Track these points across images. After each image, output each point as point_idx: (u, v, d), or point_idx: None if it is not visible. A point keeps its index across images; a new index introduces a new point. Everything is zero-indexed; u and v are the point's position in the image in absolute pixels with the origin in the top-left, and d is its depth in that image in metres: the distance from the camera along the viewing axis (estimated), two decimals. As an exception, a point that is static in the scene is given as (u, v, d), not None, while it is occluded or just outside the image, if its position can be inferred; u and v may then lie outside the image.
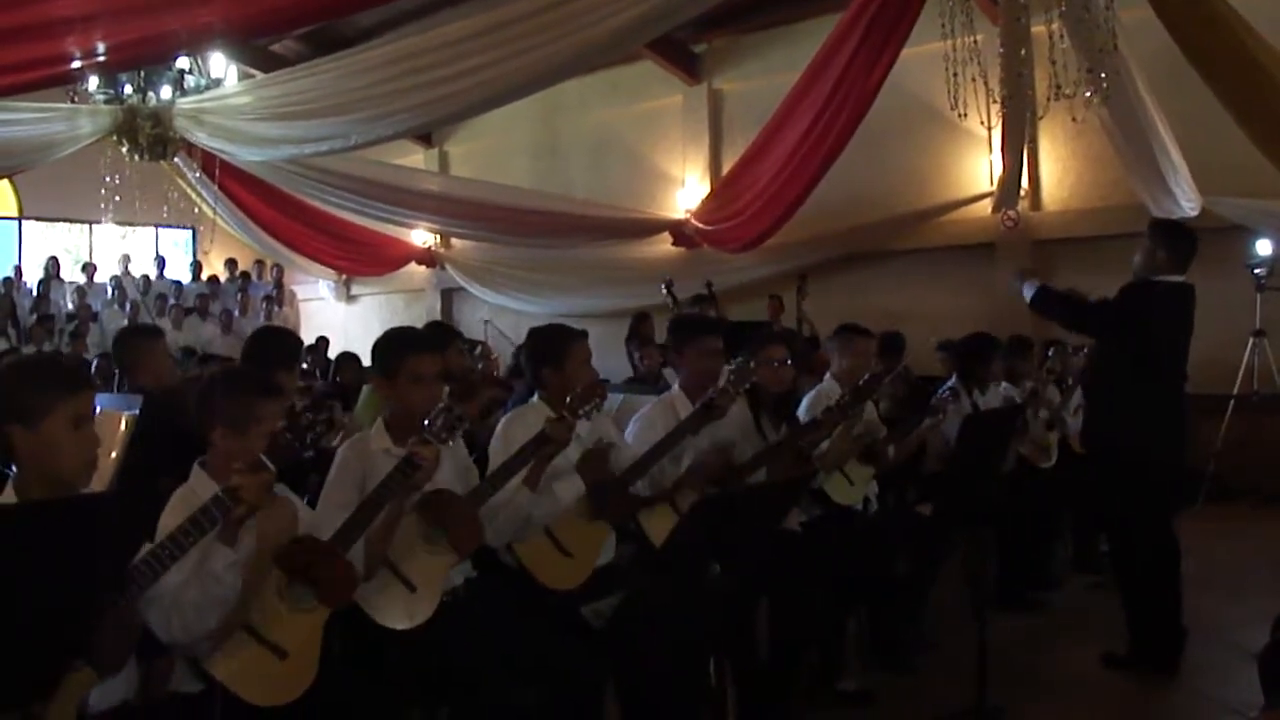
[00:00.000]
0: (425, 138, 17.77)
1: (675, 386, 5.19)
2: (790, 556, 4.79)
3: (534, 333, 4.86)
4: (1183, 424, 5.94)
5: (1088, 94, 8.50)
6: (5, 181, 17.85)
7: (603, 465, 4.43)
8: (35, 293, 17.07)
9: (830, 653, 5.39)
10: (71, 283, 17.83)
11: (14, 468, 2.89)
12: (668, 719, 4.29)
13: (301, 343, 6.25)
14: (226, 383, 3.53)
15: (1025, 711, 5.07)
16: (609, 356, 4.60)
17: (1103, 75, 8.31)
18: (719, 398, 4.73)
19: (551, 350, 4.59)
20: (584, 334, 4.71)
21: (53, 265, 17.86)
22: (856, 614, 5.80)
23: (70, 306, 16.86)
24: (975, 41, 8.56)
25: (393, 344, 4.11)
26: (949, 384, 7.03)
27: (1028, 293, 6.26)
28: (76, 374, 2.96)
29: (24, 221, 19.17)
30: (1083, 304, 6.19)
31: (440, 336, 5.68)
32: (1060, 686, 5.62)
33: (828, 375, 6.08)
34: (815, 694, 5.24)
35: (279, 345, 5.25)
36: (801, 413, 5.66)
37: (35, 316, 15.80)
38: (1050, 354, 8.06)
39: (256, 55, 15.42)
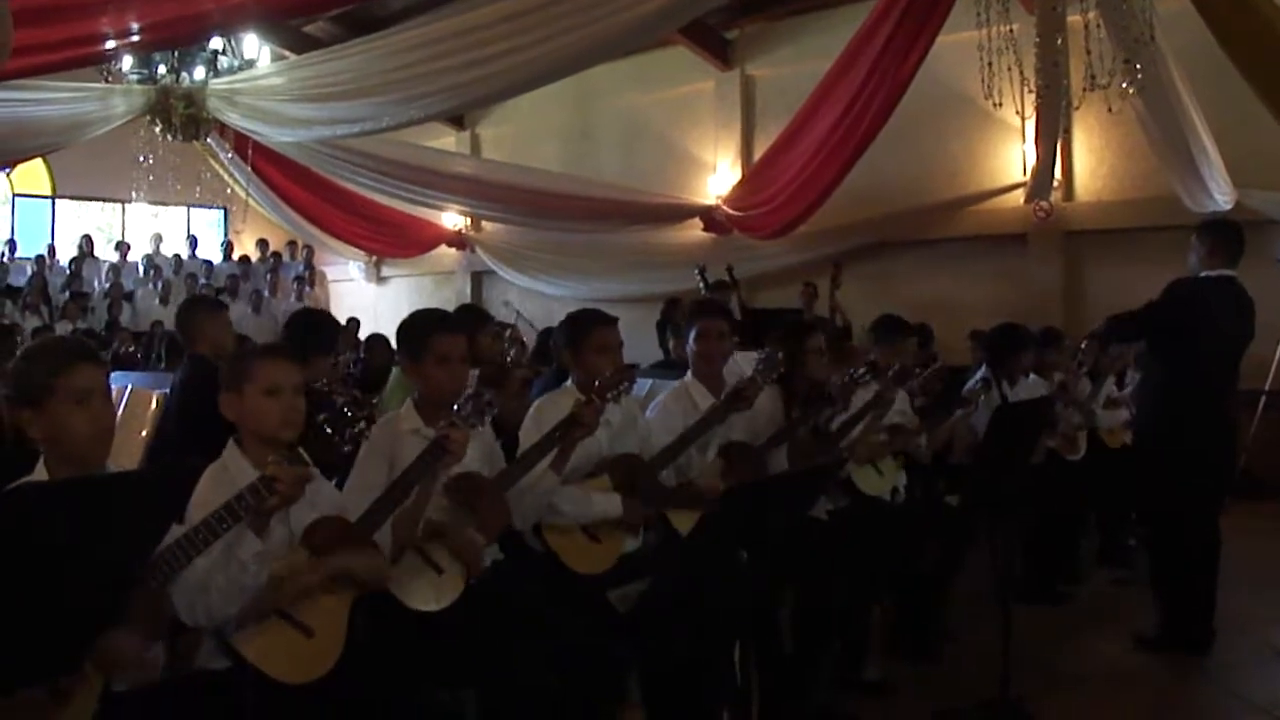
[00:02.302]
0: (457, 120, 17.78)
1: (689, 373, 5.16)
2: (816, 545, 4.78)
3: (567, 317, 4.87)
4: (1233, 419, 5.95)
5: (1123, 84, 8.44)
6: (39, 161, 17.94)
7: (632, 470, 4.43)
8: (68, 271, 17.17)
9: (854, 642, 5.38)
10: (104, 261, 17.91)
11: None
12: (691, 705, 4.30)
13: (339, 327, 6.28)
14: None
15: (1048, 704, 5.05)
16: (639, 341, 4.59)
17: (1138, 66, 8.25)
18: (746, 387, 4.72)
19: (583, 334, 4.59)
20: (614, 319, 4.71)
21: (86, 244, 17.98)
22: (881, 604, 5.79)
23: (103, 285, 16.95)
24: (1011, 30, 8.52)
25: (417, 325, 4.12)
26: (980, 374, 7.00)
27: (1103, 333, 6.36)
28: (74, 350, 2.97)
29: (57, 200, 19.29)
30: (1131, 313, 6.19)
31: (472, 320, 5.70)
32: (1084, 679, 5.58)
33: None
34: (839, 683, 5.24)
35: (316, 329, 5.27)
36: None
37: (68, 294, 15.90)
38: (1082, 347, 8.01)
39: (289, 36, 15.47)
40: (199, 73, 13.98)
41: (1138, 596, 6.38)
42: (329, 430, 3.13)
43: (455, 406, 3.64)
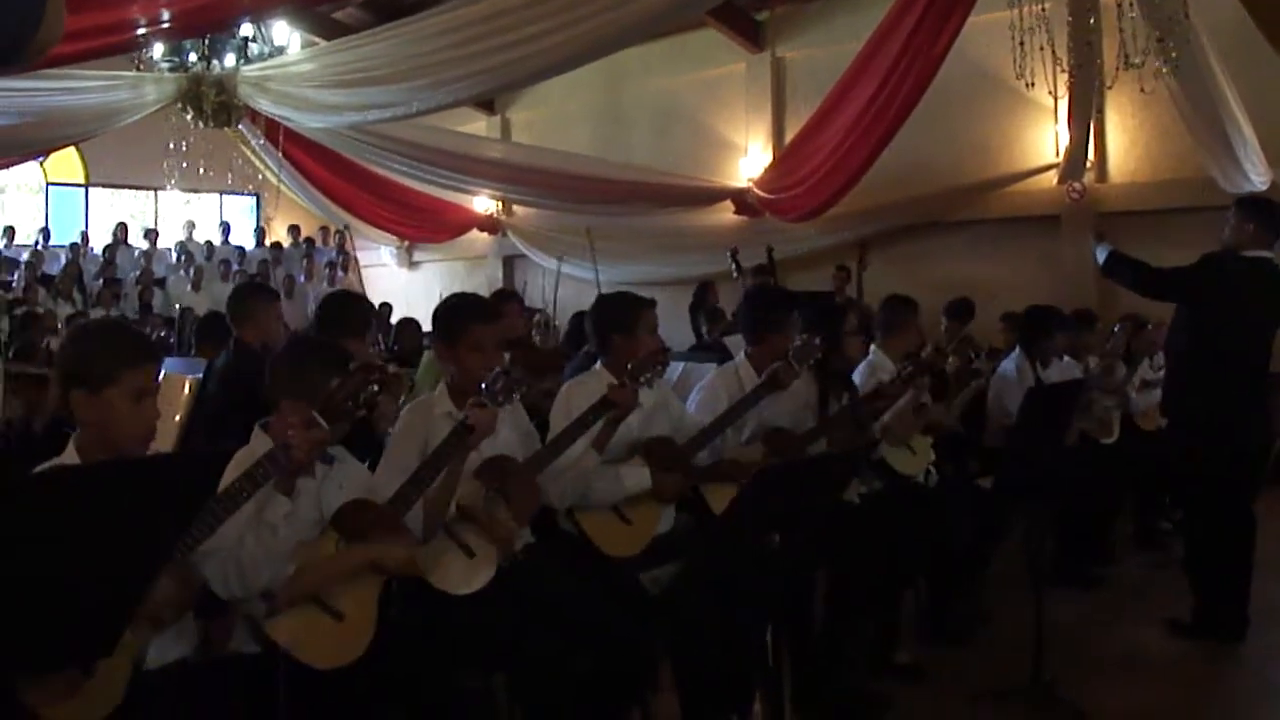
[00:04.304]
0: (487, 104, 17.75)
1: (740, 355, 5.15)
2: (848, 528, 4.77)
3: (603, 299, 4.86)
4: (1266, 403, 5.87)
5: (1157, 64, 8.37)
6: (72, 149, 18.03)
7: (666, 453, 4.43)
8: (102, 258, 17.28)
9: (887, 625, 5.37)
10: (137, 248, 18.02)
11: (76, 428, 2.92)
12: (723, 688, 4.30)
13: (373, 309, 6.29)
14: (293, 355, 3.57)
15: (1081, 688, 5.01)
16: (670, 324, 4.58)
17: (1172, 44, 8.17)
18: (783, 372, 4.72)
19: (620, 317, 4.59)
20: (652, 302, 4.70)
21: (120, 231, 18.08)
22: (914, 587, 5.78)
23: (136, 272, 17.06)
24: (1043, 9, 8.44)
25: (454, 311, 4.13)
26: (1012, 355, 6.99)
27: (1100, 255, 6.22)
28: (143, 346, 2.97)
29: (90, 188, 19.41)
30: (1156, 269, 6.13)
31: (499, 301, 5.72)
32: (1117, 663, 5.55)
33: (873, 347, 6.04)
34: (872, 666, 5.23)
35: (349, 312, 5.29)
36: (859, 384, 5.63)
37: (102, 281, 16.01)
38: (1116, 329, 7.95)
39: (319, 23, 15.50)
40: (230, 60, 14.04)
41: (1171, 580, 6.33)
42: (342, 396, 3.14)
43: (483, 385, 3.65)
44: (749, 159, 15.02)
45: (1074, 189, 12.12)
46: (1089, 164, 11.83)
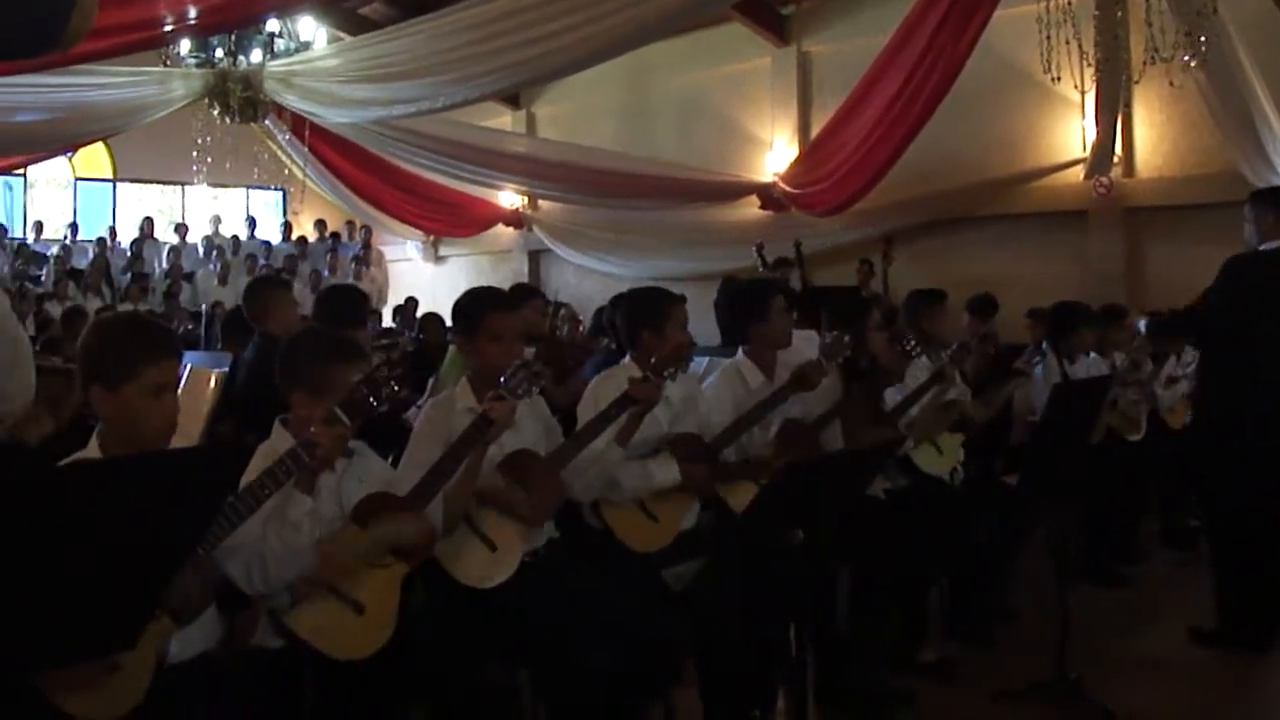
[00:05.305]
0: (513, 99, 17.75)
1: (740, 353, 5.05)
2: (873, 524, 4.76)
3: (633, 294, 4.85)
4: None
5: (1185, 58, 8.31)
6: (100, 145, 18.15)
7: (696, 447, 4.42)
8: (129, 253, 17.39)
9: (911, 622, 5.36)
10: (165, 243, 18.11)
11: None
12: (746, 685, 4.30)
13: (368, 299, 6.31)
14: (307, 347, 3.57)
15: (1106, 686, 4.98)
16: (695, 319, 4.58)
17: (1201, 39, 8.11)
18: (811, 370, 4.68)
19: (651, 312, 4.57)
20: (682, 298, 4.68)
21: (147, 225, 18.20)
22: (938, 584, 5.76)
23: (163, 266, 17.15)
24: (1070, 3, 8.40)
25: (473, 302, 4.13)
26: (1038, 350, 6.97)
27: (1141, 326, 6.21)
28: (162, 341, 2.93)
29: (118, 184, 19.52)
30: (1190, 310, 6.07)
31: (522, 296, 5.72)
32: (1143, 662, 5.53)
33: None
34: (896, 663, 5.21)
35: (348, 304, 5.29)
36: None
37: (130, 276, 16.10)
38: (1141, 329, 7.91)
39: (345, 18, 15.56)
40: (256, 55, 14.09)
41: (1198, 579, 6.28)
42: (364, 390, 3.13)
43: (502, 378, 3.65)
44: (774, 154, 14.98)
45: (1101, 184, 12.06)
46: (1116, 159, 11.78)
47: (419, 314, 12.57)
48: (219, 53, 13.97)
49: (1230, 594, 5.73)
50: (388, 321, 14.74)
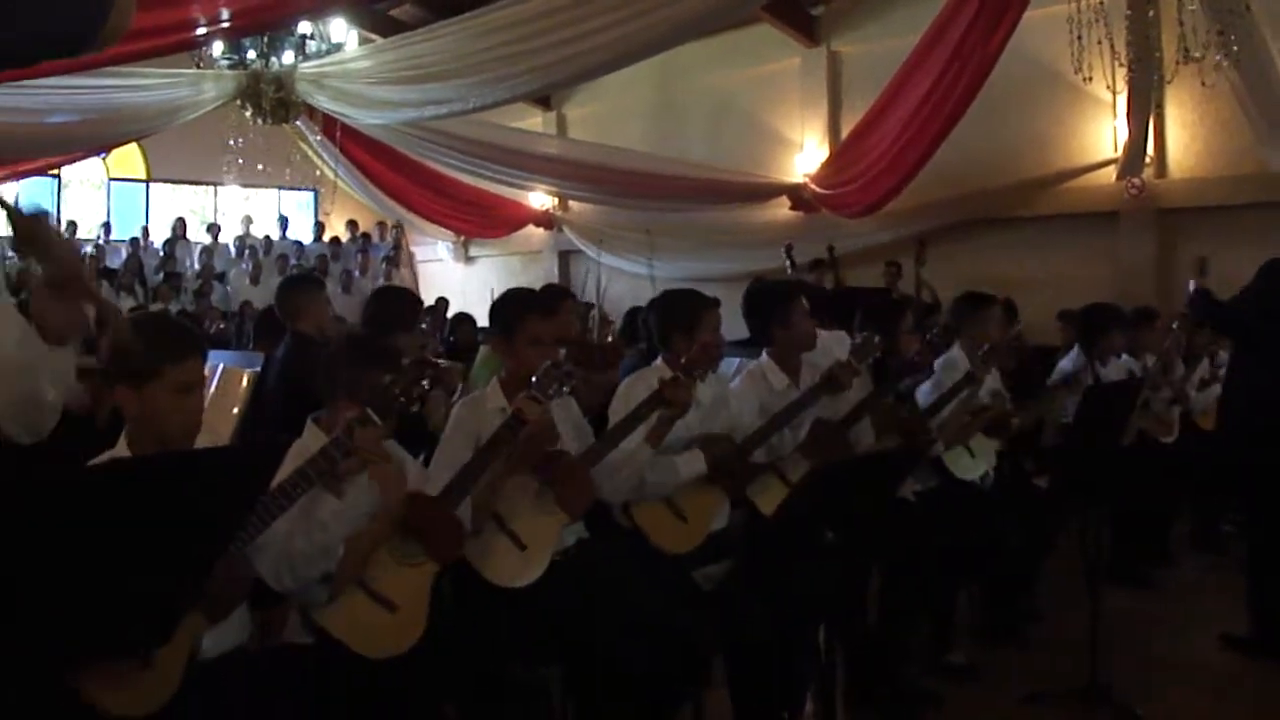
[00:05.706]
0: (543, 101, 17.79)
1: (764, 355, 5.04)
2: (903, 526, 4.75)
3: (666, 296, 4.84)
4: None
5: (1217, 57, 8.27)
6: (134, 145, 18.25)
7: (726, 446, 4.43)
8: (162, 252, 17.51)
9: (941, 625, 5.35)
10: (197, 243, 18.22)
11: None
12: (776, 686, 4.30)
13: (421, 303, 6.33)
14: (349, 354, 3.58)
15: (1136, 690, 4.97)
16: (725, 320, 4.57)
17: (1233, 38, 8.07)
18: (840, 372, 4.67)
19: (684, 315, 4.56)
20: (716, 302, 4.66)
21: (179, 226, 18.32)
22: (967, 586, 5.74)
23: (196, 266, 17.26)
24: (1101, 3, 8.38)
25: (512, 305, 4.15)
26: (1073, 355, 6.94)
27: (1190, 288, 6.17)
28: (185, 340, 2.94)
29: (151, 184, 19.62)
30: (1227, 307, 6.03)
31: (554, 296, 5.73)
32: (1175, 666, 5.50)
33: (955, 344, 5.96)
34: (925, 666, 5.21)
35: (398, 307, 5.30)
36: (934, 381, 5.58)
37: (162, 275, 16.21)
38: (1175, 326, 7.87)
39: (376, 20, 15.62)
40: (288, 57, 14.16)
41: (1229, 583, 6.24)
42: (395, 390, 3.16)
43: (534, 379, 3.66)
44: (804, 154, 14.95)
45: (1133, 184, 11.98)
46: (1148, 159, 11.70)
47: (449, 315, 12.61)
48: (251, 54, 14.05)
49: (1266, 600, 5.69)
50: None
